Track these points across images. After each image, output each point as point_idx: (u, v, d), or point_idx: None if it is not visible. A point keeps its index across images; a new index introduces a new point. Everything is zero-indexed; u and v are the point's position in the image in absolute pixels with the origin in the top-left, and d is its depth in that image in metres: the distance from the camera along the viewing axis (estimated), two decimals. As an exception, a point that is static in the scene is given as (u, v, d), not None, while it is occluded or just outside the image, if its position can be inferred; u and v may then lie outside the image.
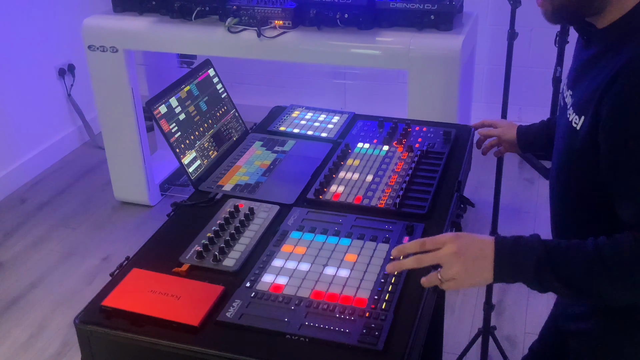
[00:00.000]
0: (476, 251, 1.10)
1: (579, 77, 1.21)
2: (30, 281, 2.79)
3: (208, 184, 1.55)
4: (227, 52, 2.79)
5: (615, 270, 1.05)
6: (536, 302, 2.58)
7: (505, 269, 1.09)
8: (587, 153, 1.14)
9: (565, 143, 1.22)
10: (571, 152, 1.20)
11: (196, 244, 1.32)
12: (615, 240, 1.07)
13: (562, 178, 1.27)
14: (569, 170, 1.23)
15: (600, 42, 1.16)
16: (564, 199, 1.28)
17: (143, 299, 1.17)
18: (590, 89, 1.13)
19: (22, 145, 3.58)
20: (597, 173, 1.14)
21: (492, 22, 3.56)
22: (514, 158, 3.64)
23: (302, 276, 1.22)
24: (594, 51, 1.17)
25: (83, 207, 3.35)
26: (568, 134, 1.20)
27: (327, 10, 2.61)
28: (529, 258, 1.08)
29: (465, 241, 1.11)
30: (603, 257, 1.05)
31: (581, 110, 1.15)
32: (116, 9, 2.99)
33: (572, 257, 1.08)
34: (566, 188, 1.26)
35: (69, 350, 2.42)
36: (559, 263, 1.07)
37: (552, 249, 1.08)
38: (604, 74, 1.09)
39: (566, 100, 1.25)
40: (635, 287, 1.07)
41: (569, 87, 1.26)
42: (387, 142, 1.70)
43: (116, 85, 2.98)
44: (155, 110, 1.52)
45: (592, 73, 1.15)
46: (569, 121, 1.20)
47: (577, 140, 1.16)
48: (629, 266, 1.05)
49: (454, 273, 1.10)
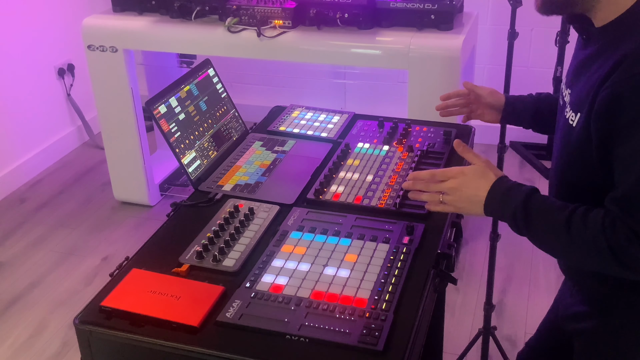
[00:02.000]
0: (473, 190, 1.23)
1: (576, 76, 1.23)
2: (30, 281, 2.79)
3: (208, 184, 1.55)
4: (227, 52, 2.79)
5: (575, 243, 1.12)
6: (536, 302, 2.58)
7: (490, 210, 1.23)
8: (583, 149, 1.16)
9: (564, 141, 1.24)
10: (568, 149, 1.22)
11: (196, 244, 1.31)
12: (587, 215, 1.11)
13: (560, 175, 1.28)
14: (566, 168, 1.25)
15: (598, 41, 1.17)
16: (562, 197, 1.28)
17: (143, 299, 1.16)
18: (587, 87, 1.14)
19: (22, 145, 3.58)
20: (593, 169, 1.15)
21: (492, 22, 3.56)
22: (514, 158, 3.65)
23: (302, 276, 1.22)
24: (591, 50, 1.19)
25: (83, 207, 3.34)
26: (565, 132, 1.22)
27: (327, 10, 2.61)
28: (509, 207, 1.19)
29: (467, 180, 1.24)
30: (570, 227, 1.11)
31: (577, 107, 1.17)
32: (116, 9, 2.99)
33: (546, 217, 1.15)
34: (564, 185, 1.28)
35: (69, 350, 2.42)
36: (531, 220, 1.16)
37: (534, 204, 1.17)
38: (600, 72, 1.11)
39: (565, 99, 1.27)
40: (589, 261, 1.14)
41: (567, 86, 1.27)
42: (387, 142, 1.70)
43: (116, 85, 2.97)
44: (155, 110, 1.51)
45: (589, 71, 1.17)
46: (566, 119, 1.21)
47: (573, 137, 1.18)
48: (587, 242, 1.10)
49: (450, 201, 1.26)
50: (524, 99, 1.57)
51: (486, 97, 1.58)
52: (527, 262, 2.82)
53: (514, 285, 2.69)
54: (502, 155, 2.12)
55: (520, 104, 1.56)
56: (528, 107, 1.55)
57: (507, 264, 2.80)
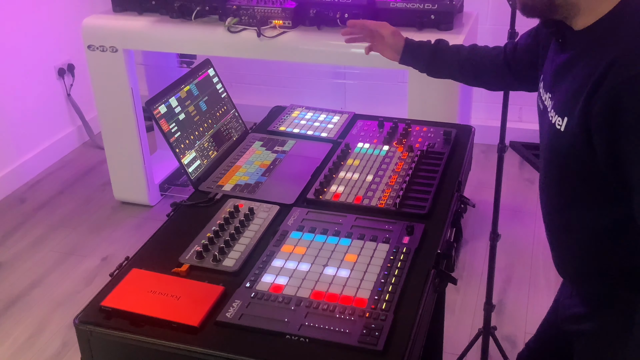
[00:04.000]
0: None
1: (556, 80, 1.23)
2: (30, 281, 2.79)
3: (208, 184, 1.55)
4: (227, 52, 2.79)
5: None
6: (536, 302, 2.58)
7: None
8: (575, 153, 1.16)
9: (551, 144, 1.24)
10: (557, 153, 1.22)
11: (196, 244, 1.31)
12: None
13: (550, 179, 1.29)
14: (557, 171, 1.25)
15: (576, 45, 1.18)
16: (555, 198, 1.29)
17: (143, 299, 1.16)
18: (571, 90, 1.15)
19: (22, 145, 3.58)
20: (587, 171, 1.16)
21: (492, 22, 3.56)
22: (514, 158, 3.65)
23: (302, 276, 1.22)
24: (570, 54, 1.20)
25: (83, 207, 3.34)
26: (552, 136, 1.22)
27: (327, 10, 2.61)
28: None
29: None
30: None
31: (562, 111, 1.18)
32: (116, 9, 2.99)
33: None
34: (556, 187, 1.28)
35: (69, 350, 2.42)
36: None
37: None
38: (584, 75, 1.12)
39: (545, 103, 1.28)
40: None
41: (547, 91, 1.28)
42: (387, 142, 1.70)
43: (116, 85, 2.97)
44: (155, 110, 1.51)
45: (570, 75, 1.18)
46: (552, 123, 1.22)
47: (563, 141, 1.18)
48: None
49: None
50: (422, 45, 1.68)
51: (387, 38, 1.70)
52: (527, 262, 2.82)
53: (514, 285, 2.69)
54: (502, 155, 2.11)
55: (417, 50, 1.68)
56: (425, 54, 1.67)
57: (507, 264, 2.80)
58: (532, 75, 1.45)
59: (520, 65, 1.53)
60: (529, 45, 1.48)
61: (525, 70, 1.51)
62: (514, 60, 1.54)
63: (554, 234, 1.33)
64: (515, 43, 1.56)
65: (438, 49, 1.66)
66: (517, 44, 1.55)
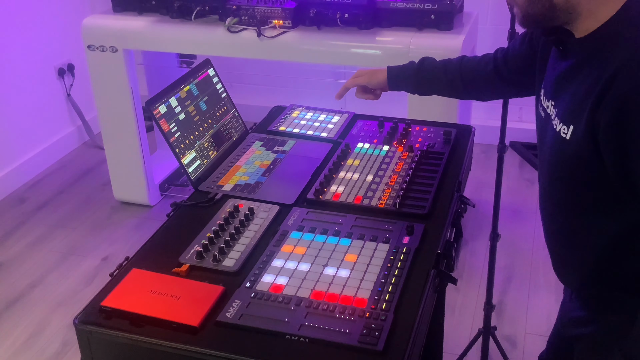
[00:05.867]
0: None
1: (560, 88, 1.21)
2: (30, 281, 2.79)
3: (208, 184, 1.55)
4: (227, 52, 2.79)
5: None
6: (536, 302, 2.58)
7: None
8: (581, 161, 1.15)
9: (556, 154, 1.22)
10: (563, 162, 1.20)
11: (196, 244, 1.31)
12: None
13: (555, 188, 1.26)
14: (562, 180, 1.23)
15: (579, 52, 1.16)
16: (558, 206, 1.27)
17: (143, 299, 1.16)
18: (577, 98, 1.13)
19: (22, 145, 3.58)
20: (593, 179, 1.14)
21: (492, 22, 3.56)
22: (514, 158, 3.65)
23: (302, 276, 1.22)
24: (572, 61, 1.18)
25: (82, 207, 3.34)
26: (557, 144, 1.20)
27: (327, 10, 2.60)
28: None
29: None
30: None
31: (568, 119, 1.16)
32: (116, 9, 2.99)
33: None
34: (560, 196, 1.26)
35: (69, 350, 2.42)
36: None
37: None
38: (589, 82, 1.10)
39: (548, 111, 1.25)
40: None
41: (549, 98, 1.25)
42: (387, 142, 1.70)
43: (116, 85, 2.98)
44: (154, 110, 1.51)
45: (574, 83, 1.16)
46: (556, 132, 1.20)
47: (569, 150, 1.16)
48: None
49: None
50: (405, 69, 1.69)
51: (368, 84, 1.76)
52: (527, 262, 2.82)
53: (514, 285, 2.69)
54: (502, 155, 2.11)
55: (400, 76, 1.70)
56: (409, 77, 1.68)
57: (507, 264, 2.80)
58: (526, 82, 1.43)
59: (513, 72, 1.51)
60: (523, 52, 1.46)
61: (519, 76, 1.49)
62: (506, 67, 1.53)
63: (557, 242, 1.32)
64: (505, 50, 1.54)
65: (421, 69, 1.66)
66: (508, 51, 1.53)
